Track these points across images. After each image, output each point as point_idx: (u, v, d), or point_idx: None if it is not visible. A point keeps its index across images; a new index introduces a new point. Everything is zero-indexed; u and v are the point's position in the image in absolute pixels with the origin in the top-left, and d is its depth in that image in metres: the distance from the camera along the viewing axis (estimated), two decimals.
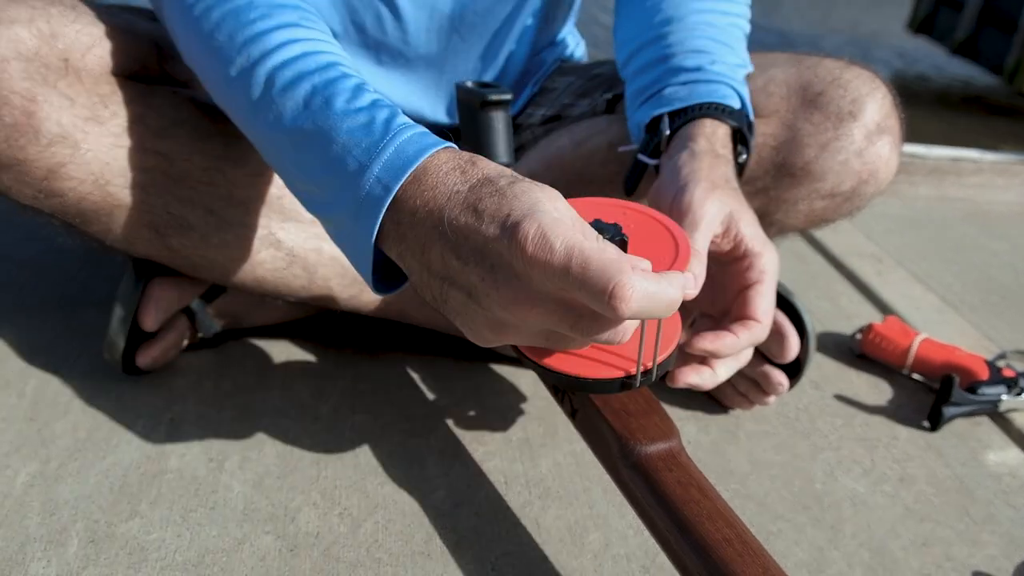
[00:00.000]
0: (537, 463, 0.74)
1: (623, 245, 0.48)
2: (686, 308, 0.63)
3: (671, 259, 0.51)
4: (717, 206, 0.59)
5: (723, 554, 0.50)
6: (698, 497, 0.53)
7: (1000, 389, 0.88)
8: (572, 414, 0.63)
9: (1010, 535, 0.74)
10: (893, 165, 0.79)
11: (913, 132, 0.85)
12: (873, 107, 0.75)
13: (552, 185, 0.80)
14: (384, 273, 0.53)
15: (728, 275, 0.63)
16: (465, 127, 0.71)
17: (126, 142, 0.64)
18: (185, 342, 0.78)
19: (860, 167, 0.76)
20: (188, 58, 0.60)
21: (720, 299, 0.64)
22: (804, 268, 1.22)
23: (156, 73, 0.69)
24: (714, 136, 0.65)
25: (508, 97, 0.68)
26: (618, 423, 0.57)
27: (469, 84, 0.70)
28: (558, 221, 0.42)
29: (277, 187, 0.70)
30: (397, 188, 0.47)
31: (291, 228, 0.71)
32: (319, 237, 0.72)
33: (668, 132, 0.67)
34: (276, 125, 0.53)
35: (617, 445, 0.57)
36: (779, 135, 0.76)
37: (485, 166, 0.47)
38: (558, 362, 0.54)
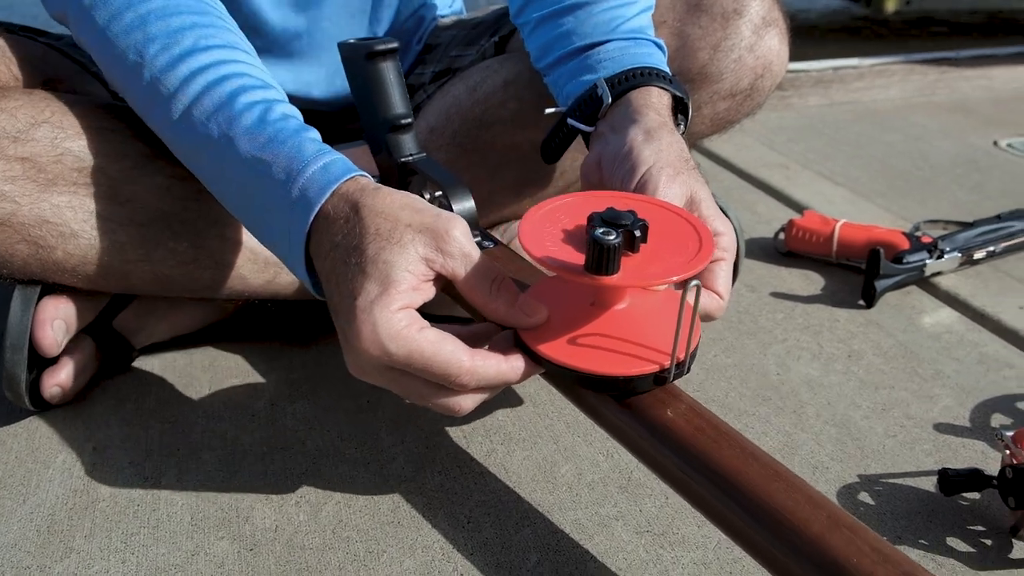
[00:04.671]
0: (493, 413, 0.71)
1: (644, 231, 0.46)
2: None
3: (696, 247, 0.47)
4: (681, 191, 0.55)
5: (700, 444, 0.48)
6: (663, 396, 0.51)
7: (923, 255, 0.90)
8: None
9: (960, 385, 0.75)
10: (784, 56, 0.79)
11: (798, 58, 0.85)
12: (756, 2, 0.75)
13: (453, 135, 0.80)
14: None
15: None
16: (355, 86, 0.68)
17: None
18: (94, 365, 0.72)
19: (754, 63, 0.75)
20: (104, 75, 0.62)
21: None
22: (717, 185, 1.23)
23: (5, 77, 0.63)
24: (661, 107, 0.61)
25: (395, 45, 0.65)
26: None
27: (351, 40, 0.67)
28: (391, 322, 0.46)
29: (164, 176, 0.65)
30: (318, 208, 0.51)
31: (188, 217, 0.66)
32: (220, 222, 0.67)
33: (610, 100, 0.62)
34: (198, 161, 0.58)
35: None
36: (671, 44, 0.75)
37: (364, 216, 0.49)
38: (582, 360, 0.49)
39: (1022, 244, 0.96)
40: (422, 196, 0.66)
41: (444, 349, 0.47)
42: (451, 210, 0.65)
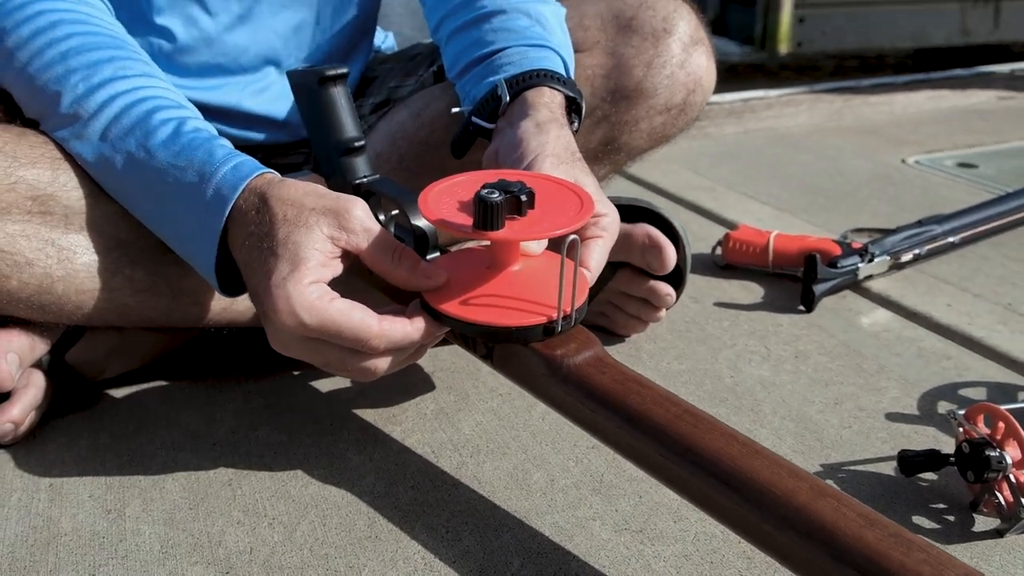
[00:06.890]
0: (459, 427, 0.71)
1: (530, 197, 0.52)
2: None
3: (578, 207, 0.53)
4: (565, 178, 0.59)
5: (680, 429, 0.49)
6: (638, 388, 0.53)
7: (855, 259, 0.95)
8: (487, 355, 0.61)
9: (903, 378, 0.79)
10: (712, 73, 0.83)
11: None
12: (683, 22, 0.79)
13: (400, 159, 0.81)
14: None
15: None
16: (307, 112, 0.68)
17: None
18: (47, 401, 0.69)
19: (685, 78, 0.79)
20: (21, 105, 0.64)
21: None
22: None
23: None
24: (553, 104, 0.66)
25: (345, 71, 0.66)
26: (539, 345, 0.56)
27: (300, 68, 0.68)
28: (303, 295, 0.51)
29: (120, 203, 0.63)
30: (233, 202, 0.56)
31: (145, 243, 0.65)
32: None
33: (508, 99, 0.66)
34: (117, 181, 0.61)
35: (544, 366, 0.55)
36: (606, 64, 0.79)
37: (273, 205, 0.54)
38: (478, 315, 0.53)
39: (944, 246, 1.03)
40: (377, 217, 0.67)
41: (354, 316, 0.52)
42: (410, 229, 0.65)
